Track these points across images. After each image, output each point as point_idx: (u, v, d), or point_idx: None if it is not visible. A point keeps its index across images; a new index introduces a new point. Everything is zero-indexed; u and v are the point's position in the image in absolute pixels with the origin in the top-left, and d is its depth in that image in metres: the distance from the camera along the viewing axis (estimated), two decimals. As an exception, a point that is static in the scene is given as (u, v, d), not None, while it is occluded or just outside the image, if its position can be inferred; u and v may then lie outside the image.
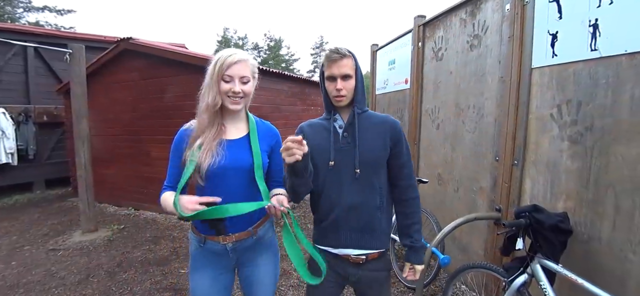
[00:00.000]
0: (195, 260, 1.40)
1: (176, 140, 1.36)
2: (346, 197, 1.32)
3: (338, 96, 1.32)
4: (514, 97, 2.23)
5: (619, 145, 1.57)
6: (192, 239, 1.41)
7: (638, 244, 1.47)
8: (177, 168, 1.35)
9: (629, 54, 1.50)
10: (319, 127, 1.41)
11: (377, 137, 1.34)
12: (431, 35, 3.41)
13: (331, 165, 1.33)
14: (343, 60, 1.30)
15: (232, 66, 1.24)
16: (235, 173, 1.29)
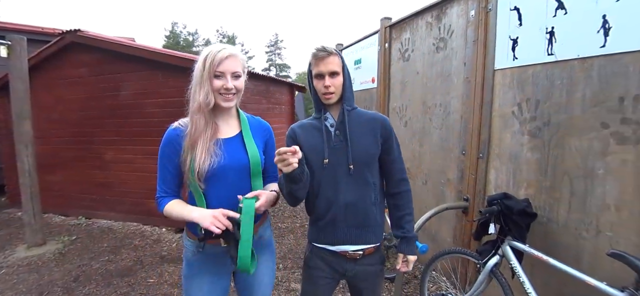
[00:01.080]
0: (191, 267, 1.34)
1: (165, 142, 1.28)
2: (342, 194, 1.34)
3: (327, 93, 1.33)
4: (478, 96, 2.43)
5: (572, 138, 1.80)
6: (187, 245, 1.35)
7: (590, 224, 1.71)
8: (171, 173, 1.28)
9: (581, 59, 1.73)
10: (311, 128, 1.42)
11: (368, 133, 1.37)
12: (398, 37, 3.58)
13: (326, 163, 1.35)
14: (330, 57, 1.31)
15: (224, 61, 1.20)
16: (235, 172, 1.27)
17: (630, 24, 1.49)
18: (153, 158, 4.09)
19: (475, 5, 2.43)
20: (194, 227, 1.30)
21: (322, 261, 1.44)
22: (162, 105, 3.89)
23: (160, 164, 1.29)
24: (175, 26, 32.49)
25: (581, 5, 1.71)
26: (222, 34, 35.33)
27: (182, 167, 1.24)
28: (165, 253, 3.50)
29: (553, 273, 1.81)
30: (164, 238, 3.89)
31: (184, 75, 3.80)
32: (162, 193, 1.30)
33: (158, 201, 1.30)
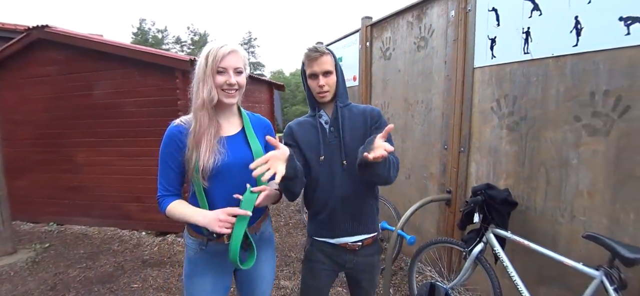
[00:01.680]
0: (194, 265, 1.33)
1: (167, 140, 1.26)
2: (339, 188, 1.38)
3: (321, 92, 1.37)
4: (459, 93, 2.55)
5: (547, 131, 1.94)
6: (189, 244, 1.34)
7: (565, 209, 1.85)
8: (174, 171, 1.26)
9: (555, 57, 1.86)
10: (307, 125, 1.45)
11: (361, 127, 1.41)
12: (379, 36, 3.66)
13: (322, 159, 1.38)
14: (323, 57, 1.34)
15: (226, 57, 1.20)
16: (239, 169, 1.27)
17: (600, 24, 1.62)
18: (132, 160, 3.95)
19: (454, 6, 2.53)
20: (197, 225, 1.29)
21: (323, 254, 1.47)
22: (141, 104, 3.75)
23: (162, 162, 1.27)
24: (144, 23, 31.19)
25: (555, 7, 1.84)
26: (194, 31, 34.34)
27: (187, 165, 1.22)
28: (147, 257, 3.39)
29: (532, 258, 1.95)
30: (144, 242, 3.76)
31: (164, 74, 3.70)
32: (164, 192, 1.28)
33: (159, 200, 1.28)
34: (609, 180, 1.65)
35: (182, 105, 3.70)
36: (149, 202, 3.95)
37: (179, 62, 3.55)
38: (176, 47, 32.42)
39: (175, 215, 1.25)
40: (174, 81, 3.64)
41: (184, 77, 3.68)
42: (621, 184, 1.60)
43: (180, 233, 3.93)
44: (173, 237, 3.87)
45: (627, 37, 1.52)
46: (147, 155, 3.84)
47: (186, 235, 1.36)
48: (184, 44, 32.88)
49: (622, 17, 1.53)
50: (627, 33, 1.52)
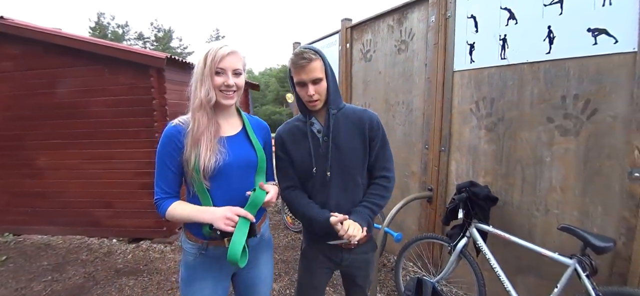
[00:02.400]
0: (193, 271, 1.29)
1: (165, 140, 1.22)
2: (333, 198, 1.37)
3: (311, 102, 1.31)
4: (439, 94, 2.67)
5: (523, 131, 2.09)
6: (187, 249, 1.30)
7: (540, 204, 2.01)
8: (173, 172, 1.23)
9: (530, 63, 2.01)
10: (298, 133, 1.41)
11: (356, 135, 1.37)
12: (359, 38, 3.73)
13: (314, 172, 1.37)
14: (311, 64, 1.27)
15: (225, 58, 1.19)
16: (241, 169, 1.26)
17: (571, 34, 1.78)
18: (101, 163, 3.73)
19: (435, 12, 2.65)
20: (196, 229, 1.26)
21: (320, 252, 1.48)
22: (111, 104, 3.54)
23: (159, 163, 1.23)
24: (102, 17, 29.22)
25: (530, 17, 1.99)
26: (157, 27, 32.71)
27: (185, 166, 1.19)
28: (121, 266, 3.22)
29: (509, 249, 2.09)
30: (116, 250, 3.56)
31: (138, 72, 3.53)
32: (162, 194, 1.23)
33: (158, 203, 1.23)
34: (579, 176, 1.82)
35: (157, 105, 3.55)
36: (120, 207, 3.75)
37: (154, 60, 3.40)
38: (139, 43, 30.75)
39: (177, 215, 1.21)
40: (148, 79, 3.48)
41: (159, 76, 3.53)
42: (590, 180, 1.77)
43: (156, 239, 3.76)
44: (148, 244, 3.69)
45: (594, 47, 1.68)
46: (119, 158, 3.64)
47: (184, 240, 1.32)
48: (147, 40, 31.26)
49: (590, 28, 1.69)
50: (594, 43, 1.68)
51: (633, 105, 1.54)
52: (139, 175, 3.66)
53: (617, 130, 1.63)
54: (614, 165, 1.65)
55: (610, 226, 1.68)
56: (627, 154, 1.59)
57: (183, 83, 4.51)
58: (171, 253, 3.48)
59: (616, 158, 1.64)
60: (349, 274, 1.55)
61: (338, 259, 1.47)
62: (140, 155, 3.62)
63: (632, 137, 1.56)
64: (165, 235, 3.76)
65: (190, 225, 1.27)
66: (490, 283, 2.12)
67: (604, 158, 1.70)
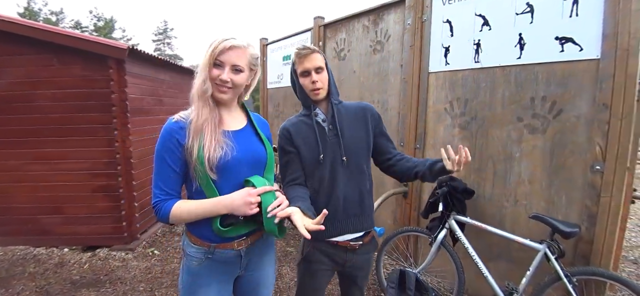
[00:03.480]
0: (197, 276, 1.22)
1: (166, 136, 1.13)
2: (341, 187, 1.40)
3: (315, 89, 1.36)
4: (415, 95, 2.80)
5: (494, 129, 2.27)
6: (192, 253, 1.21)
7: (510, 196, 2.20)
8: (174, 171, 1.14)
9: (501, 67, 2.19)
10: (302, 126, 1.43)
11: (360, 124, 1.45)
12: (333, 36, 3.76)
13: (321, 159, 1.39)
14: (313, 54, 1.35)
15: (225, 52, 1.14)
16: (250, 166, 1.21)
17: (540, 41, 1.97)
18: (50, 164, 3.38)
19: (411, 15, 2.76)
20: (202, 231, 1.19)
21: (323, 255, 1.47)
22: (62, 98, 3.16)
23: (159, 161, 1.14)
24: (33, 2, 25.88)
25: (502, 24, 2.16)
26: (97, 16, 29.77)
27: (188, 157, 1.12)
28: (77, 277, 2.90)
29: (482, 238, 2.26)
30: (69, 260, 3.20)
31: (94, 63, 3.24)
32: (163, 196, 1.14)
33: (158, 206, 1.13)
34: (545, 170, 2.03)
35: (117, 100, 3.25)
36: (72, 213, 3.37)
37: (114, 50, 3.10)
38: (75, 32, 27.77)
39: (184, 214, 1.13)
40: (106, 71, 3.16)
41: (119, 68, 3.24)
42: (555, 173, 1.98)
43: (115, 246, 3.45)
44: (105, 252, 3.37)
45: (561, 54, 1.89)
46: (71, 158, 3.27)
47: (187, 245, 1.23)
48: (85, 29, 28.25)
49: (558, 36, 1.89)
50: (561, 50, 1.88)
51: (595, 107, 1.76)
52: (96, 177, 3.32)
53: (580, 129, 1.84)
54: (577, 159, 1.87)
55: (574, 214, 1.90)
56: (589, 150, 1.81)
57: (145, 77, 4.17)
58: (135, 261, 3.22)
59: (579, 154, 1.86)
60: (350, 275, 1.55)
61: (341, 260, 1.47)
62: (96, 155, 3.29)
63: (593, 135, 1.78)
64: (126, 241, 3.47)
65: (195, 228, 1.19)
66: (466, 270, 2.27)
67: (568, 153, 1.91)
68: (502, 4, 2.16)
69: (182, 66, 4.99)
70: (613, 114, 1.69)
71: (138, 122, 3.60)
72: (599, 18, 1.70)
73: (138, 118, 3.60)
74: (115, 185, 3.36)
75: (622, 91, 1.65)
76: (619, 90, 1.66)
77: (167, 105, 4.55)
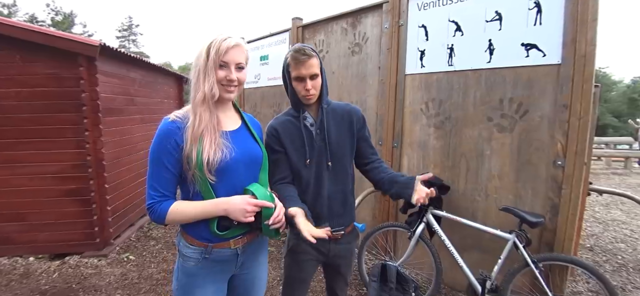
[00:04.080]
0: (193, 277, 1.22)
1: (162, 137, 1.12)
2: (326, 188, 1.46)
3: (308, 95, 1.38)
4: (392, 95, 2.91)
5: (466, 129, 2.43)
6: (188, 254, 1.21)
7: (481, 190, 2.36)
8: (171, 172, 1.13)
9: (473, 70, 2.35)
10: (291, 127, 1.47)
11: (345, 128, 1.49)
12: (311, 37, 3.81)
13: (308, 163, 1.44)
14: (310, 60, 1.34)
15: (229, 51, 1.14)
16: (246, 165, 1.23)
17: (508, 47, 2.14)
18: (11, 168, 3.22)
19: (389, 19, 2.88)
20: (199, 231, 1.19)
21: (308, 246, 1.51)
22: (26, 97, 2.97)
23: (155, 162, 1.12)
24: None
25: (473, 30, 2.32)
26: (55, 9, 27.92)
27: (186, 162, 1.12)
28: (46, 287, 2.74)
29: (455, 230, 2.40)
30: (35, 270, 3.01)
31: (62, 60, 3.08)
32: (158, 197, 1.13)
33: (154, 207, 1.12)
34: (513, 165, 2.20)
35: (87, 99, 3.11)
36: (38, 219, 3.18)
37: (85, 47, 2.96)
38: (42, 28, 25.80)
39: (180, 215, 1.13)
40: (76, 69, 3.02)
41: (90, 65, 3.10)
42: (522, 168, 2.15)
43: (86, 253, 3.30)
44: (76, 259, 3.21)
45: (526, 59, 2.06)
46: (36, 161, 3.09)
47: (183, 246, 1.22)
48: (41, 23, 26.37)
49: (524, 43, 2.06)
50: (526, 56, 2.05)
51: (556, 107, 1.94)
52: (64, 181, 3.16)
53: (544, 128, 2.02)
54: (541, 156, 2.05)
55: (538, 205, 2.08)
56: (551, 147, 1.99)
57: (116, 75, 4.02)
58: (108, 267, 3.09)
59: (543, 151, 2.04)
60: (333, 264, 1.61)
61: (326, 250, 1.53)
62: (65, 157, 3.13)
63: (555, 133, 1.96)
64: (99, 247, 3.32)
65: (192, 228, 1.19)
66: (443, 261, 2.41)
67: (533, 150, 2.09)
68: (473, 12, 2.31)
69: (154, 64, 4.83)
70: (572, 114, 1.88)
71: (110, 123, 3.46)
72: (560, 27, 1.88)
73: (110, 118, 3.46)
74: (86, 188, 3.21)
75: (580, 93, 1.83)
76: (578, 92, 1.84)
77: (140, 104, 4.40)
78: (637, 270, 3.03)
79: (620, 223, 4.30)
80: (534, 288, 2.04)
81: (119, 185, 3.66)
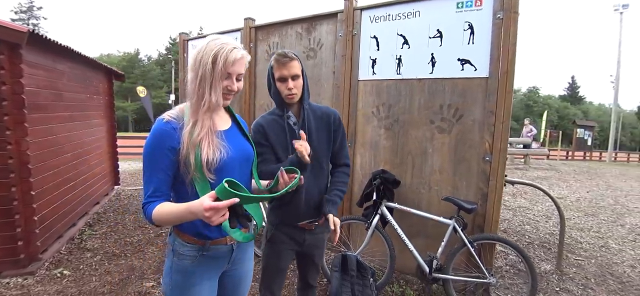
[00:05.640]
0: (190, 276, 1.23)
1: (159, 137, 1.12)
2: (305, 183, 1.54)
3: (290, 94, 1.50)
4: (346, 99, 3.14)
5: (412, 130, 2.76)
6: (185, 253, 1.22)
7: (425, 184, 2.71)
8: (166, 172, 1.13)
9: (418, 79, 2.68)
10: (275, 124, 1.58)
11: (324, 128, 1.64)
12: (264, 39, 3.86)
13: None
14: (292, 62, 1.47)
15: (236, 63, 1.16)
16: (241, 163, 1.27)
17: (447, 61, 2.51)
18: None
19: (343, 28, 3.10)
20: (199, 228, 1.20)
21: (286, 236, 1.66)
22: None
23: (151, 163, 1.12)
24: None
25: (418, 44, 2.65)
26: None
27: (183, 165, 1.13)
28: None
29: (406, 220, 2.72)
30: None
31: None
32: (153, 197, 1.12)
33: (144, 207, 1.12)
34: (451, 162, 2.58)
35: (8, 93, 2.73)
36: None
37: (8, 33, 2.58)
38: None
39: (164, 217, 1.09)
40: (-5, 60, 2.63)
41: (13, 54, 2.72)
42: (458, 164, 2.54)
43: (6, 272, 2.87)
44: (15, 280, 2.79)
45: (461, 72, 2.44)
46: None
47: (179, 244, 1.22)
48: None
49: (460, 58, 2.44)
50: (461, 69, 2.44)
51: (485, 113, 2.35)
52: (-23, 188, 2.72)
53: (475, 129, 2.43)
54: (473, 153, 2.45)
55: (471, 194, 2.48)
56: (481, 145, 2.40)
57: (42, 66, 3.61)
58: (39, 286, 2.75)
59: (475, 149, 2.44)
60: (308, 253, 1.74)
61: (301, 239, 1.66)
62: (-21, 161, 2.69)
63: (484, 134, 2.37)
64: (24, 264, 2.92)
65: (187, 227, 1.20)
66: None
67: (467, 148, 2.49)
68: (418, 28, 2.65)
69: (84, 56, 4.35)
70: (497, 119, 2.30)
71: (36, 120, 3.07)
72: (488, 47, 2.30)
73: (37, 115, 3.07)
74: (7, 196, 2.80)
75: (503, 102, 2.26)
76: (501, 101, 2.27)
77: (68, 100, 3.94)
78: (541, 246, 3.75)
79: (525, 209, 5.21)
80: (469, 264, 2.43)
81: (48, 191, 3.26)
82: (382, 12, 2.85)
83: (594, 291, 2.80)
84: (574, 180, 8.34)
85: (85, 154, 4.45)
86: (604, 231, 4.39)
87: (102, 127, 5.36)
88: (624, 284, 2.97)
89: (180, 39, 4.91)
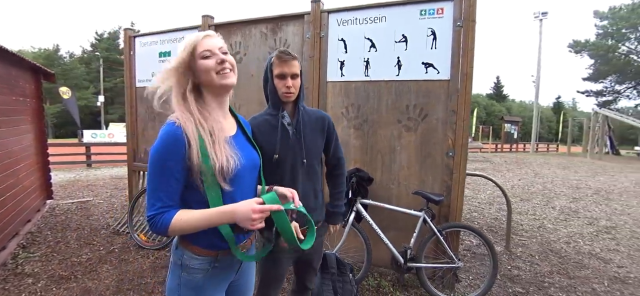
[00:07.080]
0: (200, 290, 1.16)
1: (170, 142, 1.03)
2: (300, 185, 1.58)
3: (288, 93, 1.50)
4: (316, 100, 3.19)
5: (381, 129, 2.91)
6: (196, 266, 1.14)
7: (395, 179, 2.88)
8: (178, 181, 1.05)
9: (385, 81, 2.84)
10: (266, 125, 1.55)
11: (318, 130, 1.63)
12: (226, 38, 3.61)
13: (275, 158, 1.54)
14: (293, 61, 1.48)
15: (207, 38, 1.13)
16: (250, 172, 1.22)
17: (412, 65, 2.69)
18: None
19: (310, 30, 3.14)
20: (207, 240, 1.13)
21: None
22: None
23: (160, 170, 1.03)
24: None
25: (385, 48, 2.80)
26: None
27: (195, 172, 1.06)
28: None
29: (379, 214, 2.85)
30: None
31: None
32: (161, 207, 1.04)
33: (156, 219, 1.03)
34: (417, 158, 2.77)
35: None
36: None
37: None
38: None
39: (186, 225, 1.04)
40: None
41: None
42: (424, 160, 2.75)
43: None
44: None
45: (425, 74, 2.64)
46: None
47: (188, 258, 1.14)
48: None
49: (424, 62, 2.63)
50: (425, 72, 2.64)
51: (447, 112, 2.58)
52: None
53: (439, 128, 2.65)
54: (438, 149, 2.67)
55: (437, 187, 2.70)
56: (445, 142, 2.62)
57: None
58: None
59: (439, 145, 2.66)
60: (306, 259, 1.74)
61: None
62: None
63: (447, 131, 2.60)
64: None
65: (199, 239, 1.13)
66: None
67: (432, 145, 2.70)
68: (385, 33, 2.79)
69: (10, 52, 3.79)
70: (458, 117, 2.53)
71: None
72: (449, 52, 2.52)
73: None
74: None
75: (464, 102, 2.50)
76: (462, 101, 2.51)
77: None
78: (489, 230, 4.20)
79: (471, 198, 5.76)
80: (437, 250, 2.65)
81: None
82: (349, 16, 2.95)
83: (539, 266, 3.23)
84: (506, 170, 9.43)
85: (13, 165, 3.90)
86: (539, 213, 5.06)
87: (30, 134, 4.72)
88: (563, 258, 3.47)
89: (126, 35, 4.52)
